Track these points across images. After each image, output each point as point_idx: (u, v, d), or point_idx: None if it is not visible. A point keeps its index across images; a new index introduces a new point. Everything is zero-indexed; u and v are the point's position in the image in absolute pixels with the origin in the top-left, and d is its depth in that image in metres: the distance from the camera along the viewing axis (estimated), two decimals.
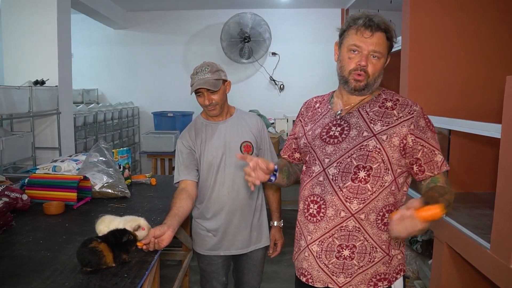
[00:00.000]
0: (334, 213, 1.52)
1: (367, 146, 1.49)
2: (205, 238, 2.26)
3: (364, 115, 1.56)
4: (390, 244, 1.54)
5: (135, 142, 6.10)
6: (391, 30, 1.51)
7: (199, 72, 2.11)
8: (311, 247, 1.58)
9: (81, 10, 4.84)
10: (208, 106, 2.13)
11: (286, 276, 3.93)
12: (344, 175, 1.51)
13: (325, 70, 6.03)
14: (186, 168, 2.15)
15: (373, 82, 1.54)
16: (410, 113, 1.50)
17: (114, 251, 1.58)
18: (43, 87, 3.45)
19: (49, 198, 2.34)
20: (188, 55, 6.07)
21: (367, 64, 1.51)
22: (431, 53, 3.15)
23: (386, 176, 1.50)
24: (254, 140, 2.25)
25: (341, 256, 1.53)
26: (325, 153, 1.57)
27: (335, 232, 1.53)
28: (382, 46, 1.50)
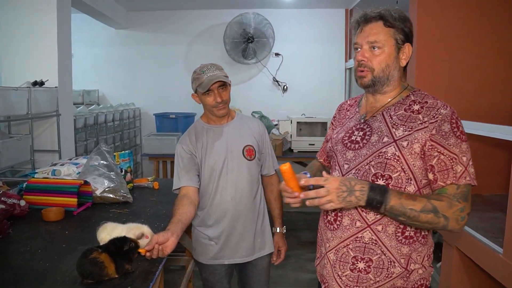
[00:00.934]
0: (350, 222, 1.44)
1: (386, 153, 1.39)
2: (207, 246, 2.17)
3: (387, 119, 1.45)
4: (411, 258, 1.43)
5: (136, 144, 6.02)
6: (387, 16, 1.41)
7: (206, 70, 2.04)
8: (329, 255, 1.51)
9: (82, 9, 4.76)
10: (220, 104, 2.06)
11: (292, 280, 3.86)
12: None
13: (329, 70, 5.97)
14: (187, 174, 2.06)
15: (383, 75, 1.44)
16: (435, 117, 1.36)
17: (116, 261, 1.50)
18: (42, 88, 3.36)
19: (48, 204, 2.25)
20: (191, 55, 5.99)
21: (367, 58, 1.43)
22: (439, 54, 3.09)
23: (409, 187, 1.38)
24: (256, 144, 2.19)
25: (356, 268, 1.45)
26: (345, 158, 1.50)
27: (350, 242, 1.45)
28: (379, 34, 1.41)
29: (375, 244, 1.41)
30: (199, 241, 2.20)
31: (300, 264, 4.20)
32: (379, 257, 1.42)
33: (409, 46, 1.45)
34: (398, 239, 1.41)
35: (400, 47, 1.44)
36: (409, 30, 1.44)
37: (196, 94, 2.14)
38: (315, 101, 5.96)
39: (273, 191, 2.32)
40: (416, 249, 1.43)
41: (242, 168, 2.12)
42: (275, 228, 2.32)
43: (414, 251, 1.43)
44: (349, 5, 5.72)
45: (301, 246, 4.71)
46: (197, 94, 2.12)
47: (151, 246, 1.55)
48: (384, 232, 1.40)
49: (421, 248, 1.45)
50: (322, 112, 5.70)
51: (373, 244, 1.42)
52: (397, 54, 1.44)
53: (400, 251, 1.42)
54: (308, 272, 4.02)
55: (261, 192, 2.25)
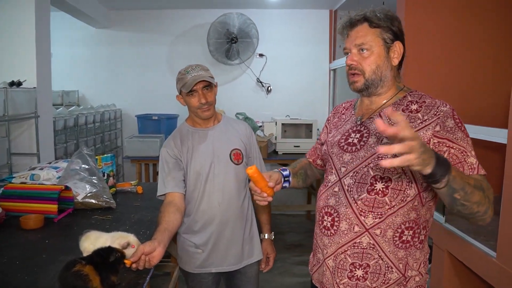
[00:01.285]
0: (348, 227, 1.39)
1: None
2: (194, 254, 2.09)
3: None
4: (408, 264, 1.40)
5: (117, 146, 5.88)
6: (371, 17, 1.38)
7: (191, 70, 1.97)
8: (327, 262, 1.46)
9: (60, 7, 4.61)
10: (204, 105, 1.99)
11: (278, 285, 3.80)
12: (359, 186, 1.38)
13: (313, 71, 5.92)
14: (172, 179, 1.99)
15: (375, 77, 1.41)
16: (436, 114, 1.32)
17: (101, 274, 1.41)
18: (19, 88, 3.23)
19: (26, 210, 2.14)
20: (173, 56, 5.88)
21: (356, 61, 1.40)
22: (428, 55, 3.06)
23: (409, 190, 1.34)
24: (243, 148, 2.12)
25: (354, 276, 1.40)
26: (342, 161, 1.45)
27: (348, 248, 1.40)
28: (366, 37, 1.38)
29: (372, 248, 1.37)
30: (185, 249, 2.12)
31: (286, 268, 4.15)
32: (376, 261, 1.38)
33: (399, 44, 1.42)
34: (396, 244, 1.37)
35: (390, 46, 1.41)
36: (397, 29, 1.41)
37: (180, 96, 2.07)
38: (300, 102, 5.91)
39: None
40: (412, 254, 1.40)
41: (229, 172, 2.05)
42: (263, 235, 2.26)
43: (410, 256, 1.39)
44: (333, 6, 5.69)
45: (286, 249, 4.66)
46: (182, 95, 2.05)
47: (137, 257, 1.47)
48: (382, 236, 1.36)
49: (417, 253, 1.41)
50: (306, 114, 5.66)
51: (371, 248, 1.38)
52: (387, 53, 1.41)
53: (397, 256, 1.38)
54: (295, 276, 3.97)
55: (248, 198, 2.18)
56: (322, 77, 5.92)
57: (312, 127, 5.03)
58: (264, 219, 2.27)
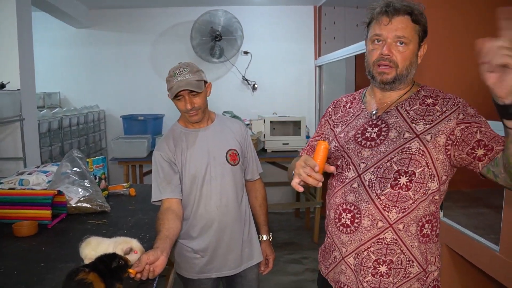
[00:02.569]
0: (371, 223, 1.37)
1: (410, 149, 1.33)
2: (193, 260, 2.01)
3: (404, 114, 1.40)
4: (427, 258, 1.39)
5: (102, 148, 5.77)
6: (415, 11, 1.35)
7: (178, 73, 1.87)
8: (348, 260, 1.43)
9: (41, 7, 4.49)
10: (190, 111, 1.91)
11: (272, 285, 3.77)
12: (382, 181, 1.35)
13: (299, 68, 5.90)
14: (168, 185, 1.91)
15: (405, 73, 1.39)
16: (455, 104, 1.34)
17: (106, 281, 1.35)
18: (3, 91, 3.13)
19: (19, 217, 2.05)
20: (156, 55, 5.79)
21: (392, 53, 1.36)
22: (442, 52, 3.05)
23: (431, 183, 1.34)
24: (239, 148, 2.06)
25: (378, 273, 1.38)
26: (361, 157, 1.41)
27: (371, 245, 1.37)
28: (406, 30, 1.35)
29: (395, 244, 1.36)
30: (183, 254, 2.04)
31: (280, 267, 4.12)
32: (398, 256, 1.37)
33: (425, 44, 1.42)
34: (418, 238, 1.37)
35: (421, 44, 1.40)
36: (427, 27, 1.41)
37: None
38: (286, 99, 5.89)
39: (257, 197, 2.21)
40: (430, 248, 1.41)
41: (226, 174, 1.99)
42: (261, 236, 2.21)
43: (428, 250, 1.40)
44: (318, 2, 5.66)
45: (278, 248, 4.62)
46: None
47: (142, 267, 1.41)
48: (405, 231, 1.36)
49: (434, 247, 1.42)
50: (293, 111, 5.64)
51: (394, 244, 1.36)
52: (417, 51, 1.40)
53: (420, 250, 1.38)
54: (289, 275, 3.95)
55: (246, 199, 2.13)
56: (308, 74, 5.90)
57: (301, 124, 5.00)
58: (261, 220, 2.22)
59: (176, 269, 2.09)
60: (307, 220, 5.33)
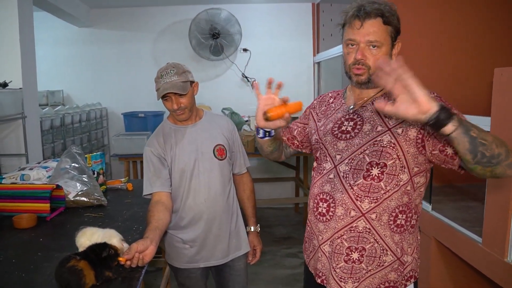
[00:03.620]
0: (344, 212, 1.44)
1: (381, 141, 1.40)
2: (182, 250, 2.12)
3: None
4: (403, 248, 1.46)
5: (104, 145, 5.87)
6: (386, 13, 1.40)
7: (165, 75, 1.95)
8: (323, 248, 1.51)
9: (42, 7, 4.57)
10: (177, 110, 2.00)
11: (269, 278, 3.85)
12: (355, 172, 1.43)
13: (297, 65, 5.95)
14: (158, 179, 2.01)
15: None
16: None
17: (96, 269, 1.44)
18: (5, 89, 3.22)
19: (19, 210, 2.15)
20: (157, 53, 5.87)
21: (365, 57, 1.41)
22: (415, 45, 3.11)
23: (402, 175, 1.40)
24: (226, 143, 2.15)
25: (350, 259, 1.45)
26: (337, 149, 1.49)
27: (344, 233, 1.45)
28: (378, 33, 1.39)
29: (368, 232, 1.42)
30: (172, 244, 2.14)
31: (276, 261, 4.20)
32: (372, 245, 1.43)
33: (399, 43, 1.46)
34: (391, 228, 1.43)
35: (394, 44, 1.45)
36: (399, 27, 1.45)
37: None
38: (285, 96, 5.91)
39: (245, 190, 2.30)
40: (406, 239, 1.45)
41: (214, 168, 2.08)
42: (249, 227, 2.30)
43: (404, 240, 1.45)
44: None
45: (276, 242, 4.71)
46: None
47: (131, 255, 1.50)
48: (378, 220, 1.42)
49: (410, 238, 1.47)
50: None
51: (367, 233, 1.42)
52: (390, 51, 1.45)
53: (393, 240, 1.43)
54: (285, 268, 4.03)
55: (233, 192, 2.22)
56: (306, 71, 5.96)
57: None
58: (249, 212, 2.31)
59: (167, 259, 2.19)
60: (306, 215, 5.40)
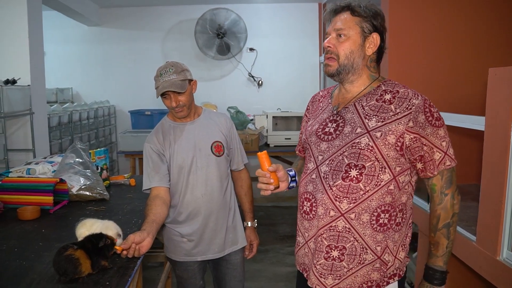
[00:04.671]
0: (324, 212, 1.46)
1: (359, 144, 1.41)
2: (180, 244, 2.17)
3: (359, 109, 1.48)
4: (388, 247, 1.46)
5: (111, 142, 5.97)
6: (354, 6, 1.45)
7: (164, 73, 2.00)
8: (309, 244, 1.54)
9: (52, 6, 4.68)
10: (175, 108, 2.05)
11: (270, 275, 3.88)
12: (335, 173, 1.45)
13: (304, 65, 6.01)
14: (157, 174, 2.07)
15: (348, 62, 1.47)
16: (408, 108, 1.39)
17: (92, 258, 1.50)
18: (14, 86, 3.31)
19: (23, 202, 2.23)
20: (164, 51, 5.95)
21: (333, 45, 1.47)
22: (412, 45, 3.11)
23: (383, 175, 1.41)
24: (224, 140, 2.19)
25: (330, 257, 1.47)
26: (319, 150, 1.52)
27: (324, 231, 1.47)
28: (346, 23, 1.45)
29: (348, 232, 1.44)
30: (170, 238, 2.20)
31: (279, 258, 4.24)
32: (352, 244, 1.44)
33: (376, 35, 1.47)
34: (373, 227, 1.43)
35: (367, 36, 1.46)
36: (379, 24, 1.47)
37: None
38: (290, 95, 6.00)
39: (243, 186, 2.34)
40: (390, 237, 1.46)
41: (211, 165, 2.13)
42: (246, 223, 2.34)
43: (389, 238, 1.45)
44: None
45: (279, 240, 4.74)
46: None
47: (128, 245, 1.55)
48: (357, 220, 1.43)
49: (396, 235, 1.47)
50: (297, 106, 5.72)
51: (346, 232, 1.44)
52: (362, 42, 1.46)
53: (375, 238, 1.44)
54: (287, 266, 4.06)
55: (231, 188, 2.26)
56: (312, 70, 6.00)
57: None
58: (246, 207, 2.35)
59: (165, 252, 2.25)
60: None
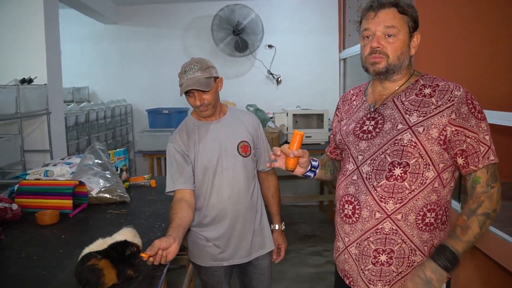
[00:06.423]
0: (369, 214, 1.41)
1: (402, 140, 1.36)
2: (205, 248, 2.07)
3: (399, 105, 1.42)
4: (434, 246, 1.40)
5: (128, 141, 5.91)
6: (401, 3, 1.38)
7: (188, 70, 1.91)
8: (350, 249, 1.48)
9: (69, 4, 4.61)
10: (200, 106, 1.95)
11: (293, 276, 3.80)
12: (378, 173, 1.39)
13: (323, 61, 5.87)
14: (181, 176, 1.96)
15: (397, 63, 1.41)
16: (451, 100, 1.34)
17: (118, 267, 1.41)
18: (31, 85, 3.25)
19: (42, 206, 2.15)
20: (182, 49, 5.86)
21: (382, 45, 1.39)
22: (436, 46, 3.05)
23: (427, 172, 1.36)
24: (251, 139, 2.09)
25: (378, 262, 1.41)
26: (359, 149, 1.46)
27: (370, 235, 1.41)
28: (394, 20, 1.38)
29: (395, 233, 1.39)
30: (196, 242, 2.10)
31: (301, 259, 4.14)
32: (399, 246, 1.39)
33: (418, 35, 1.44)
34: (419, 227, 1.39)
35: (412, 35, 1.42)
36: (417, 18, 1.42)
37: None
38: (310, 92, 5.87)
39: (270, 187, 2.24)
40: (437, 236, 1.41)
41: (238, 165, 2.03)
42: (273, 225, 2.24)
43: (435, 238, 1.41)
44: None
45: (300, 240, 4.65)
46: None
47: (154, 252, 1.46)
48: (404, 221, 1.38)
49: (442, 234, 1.43)
50: (317, 104, 5.60)
51: (393, 234, 1.39)
52: (409, 42, 1.42)
53: (421, 238, 1.39)
54: (309, 267, 3.97)
55: (257, 189, 2.16)
56: (332, 67, 5.87)
57: (323, 117, 4.98)
58: (274, 209, 2.25)
59: (190, 256, 2.15)
60: (331, 213, 5.32)
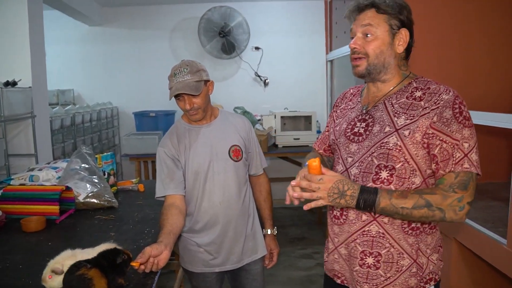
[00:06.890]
0: (356, 216, 1.41)
1: (387, 144, 1.34)
2: (197, 254, 2.03)
3: (389, 107, 1.40)
4: (419, 250, 1.40)
5: (115, 144, 5.84)
6: (379, 3, 1.36)
7: (178, 73, 1.87)
8: (340, 250, 1.49)
9: (53, 5, 4.53)
10: (190, 111, 1.91)
11: (284, 279, 3.78)
12: (365, 175, 1.38)
13: (310, 63, 5.87)
14: (172, 181, 1.92)
15: (378, 62, 1.39)
16: (436, 103, 1.31)
17: (108, 276, 1.37)
18: (15, 88, 3.17)
19: (27, 213, 2.09)
20: (168, 51, 5.81)
21: (359, 45, 1.38)
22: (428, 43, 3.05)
23: (414, 178, 1.34)
24: (242, 144, 2.06)
25: (365, 264, 1.41)
26: (349, 151, 1.45)
27: (357, 237, 1.41)
28: (371, 19, 1.37)
29: (382, 237, 1.38)
30: (187, 248, 2.06)
31: (291, 262, 4.12)
32: (387, 250, 1.38)
33: (405, 31, 1.39)
34: (405, 231, 1.38)
35: (395, 32, 1.39)
36: (406, 18, 1.40)
37: None
38: (298, 94, 5.87)
39: (262, 191, 2.21)
40: (423, 240, 1.40)
41: (229, 170, 2.00)
42: (265, 230, 2.21)
43: (421, 242, 1.40)
44: None
45: (290, 243, 4.63)
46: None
47: (145, 259, 1.43)
48: (390, 224, 1.38)
49: (429, 238, 1.42)
50: (304, 106, 5.60)
51: (381, 237, 1.39)
52: (391, 40, 1.39)
53: (407, 242, 1.38)
54: (300, 270, 3.95)
55: (249, 194, 2.13)
56: (319, 69, 5.87)
57: (311, 119, 4.98)
58: (266, 214, 2.22)
59: (181, 262, 2.11)
60: (320, 215, 5.31)
